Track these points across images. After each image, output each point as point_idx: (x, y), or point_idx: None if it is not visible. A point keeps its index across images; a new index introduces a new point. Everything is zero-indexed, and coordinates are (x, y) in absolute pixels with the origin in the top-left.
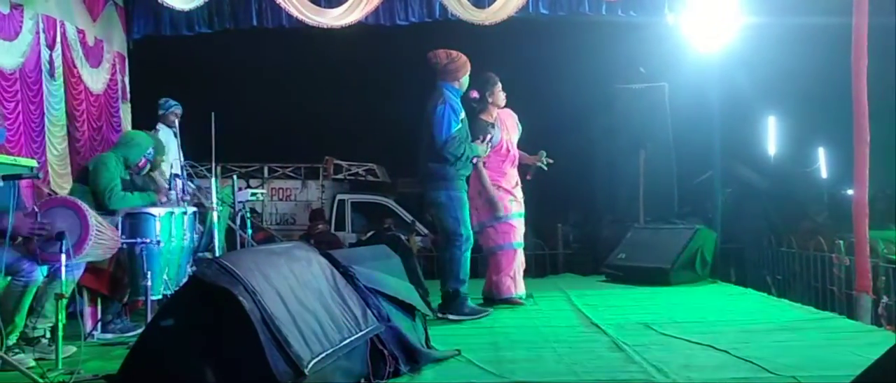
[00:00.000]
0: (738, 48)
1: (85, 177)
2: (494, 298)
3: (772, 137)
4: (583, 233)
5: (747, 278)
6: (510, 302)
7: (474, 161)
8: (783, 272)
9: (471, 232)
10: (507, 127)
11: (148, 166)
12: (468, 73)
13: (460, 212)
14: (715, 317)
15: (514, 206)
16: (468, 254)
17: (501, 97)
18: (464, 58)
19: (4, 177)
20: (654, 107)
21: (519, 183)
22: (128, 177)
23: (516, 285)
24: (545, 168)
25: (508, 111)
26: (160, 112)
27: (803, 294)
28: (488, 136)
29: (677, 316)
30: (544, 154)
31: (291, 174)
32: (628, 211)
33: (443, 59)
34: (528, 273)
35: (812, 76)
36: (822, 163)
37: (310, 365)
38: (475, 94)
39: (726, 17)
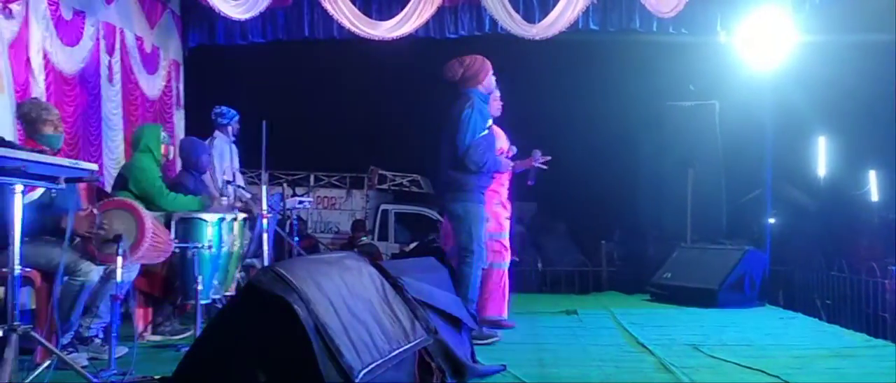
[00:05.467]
0: (791, 67)
1: (123, 185)
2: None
3: (822, 158)
4: (627, 251)
5: (796, 301)
6: (500, 325)
7: (494, 175)
8: (833, 296)
9: (483, 249)
10: (500, 137)
11: (170, 151)
12: (490, 73)
13: (475, 227)
14: (765, 341)
15: (507, 225)
16: (478, 272)
17: (497, 106)
18: (480, 59)
19: (67, 180)
20: (704, 126)
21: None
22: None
23: (505, 307)
24: (544, 167)
25: (497, 128)
26: (224, 122)
27: (853, 319)
28: (511, 152)
29: (726, 338)
30: (538, 153)
31: (337, 183)
32: (675, 229)
33: (458, 70)
34: (572, 289)
35: (865, 96)
36: (873, 185)
37: (360, 376)
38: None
39: (781, 36)
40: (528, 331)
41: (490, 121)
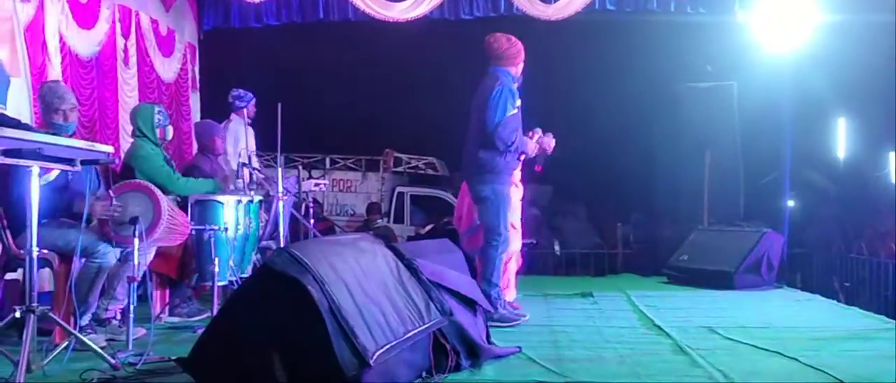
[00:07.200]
0: (811, 47)
1: (129, 173)
2: None
3: (841, 140)
4: (644, 233)
5: (814, 284)
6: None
7: (521, 157)
8: (852, 278)
9: (509, 231)
10: None
11: (169, 132)
12: (523, 61)
13: (503, 208)
14: (782, 323)
15: (518, 206)
16: (503, 256)
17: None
18: (521, 45)
19: (83, 162)
20: (722, 107)
21: None
22: (162, 152)
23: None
24: (547, 154)
25: None
26: (241, 105)
27: (872, 302)
28: (538, 135)
29: (742, 320)
30: (551, 137)
31: (352, 166)
32: (691, 212)
33: (503, 44)
34: (588, 271)
35: (885, 77)
36: (893, 167)
37: (375, 357)
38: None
39: (800, 15)
40: (544, 313)
41: (519, 102)
